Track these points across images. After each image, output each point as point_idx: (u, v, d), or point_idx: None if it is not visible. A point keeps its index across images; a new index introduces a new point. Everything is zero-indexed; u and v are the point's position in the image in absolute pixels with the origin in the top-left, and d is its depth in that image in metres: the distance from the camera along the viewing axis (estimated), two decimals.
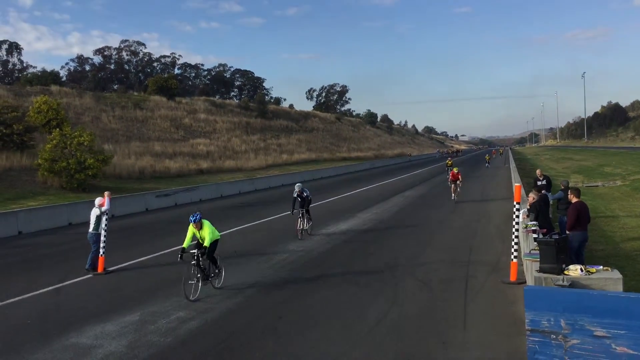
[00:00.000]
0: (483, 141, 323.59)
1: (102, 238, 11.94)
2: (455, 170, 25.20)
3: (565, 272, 7.15)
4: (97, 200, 12.33)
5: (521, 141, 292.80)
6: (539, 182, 15.82)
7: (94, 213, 12.18)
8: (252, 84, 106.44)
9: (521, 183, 16.84)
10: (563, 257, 7.34)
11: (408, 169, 56.36)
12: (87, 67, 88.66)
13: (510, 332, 7.39)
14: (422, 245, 14.16)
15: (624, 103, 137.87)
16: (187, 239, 9.86)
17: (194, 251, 9.68)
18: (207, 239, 9.81)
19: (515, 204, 10.47)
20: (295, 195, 15.91)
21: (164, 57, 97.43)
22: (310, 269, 11.77)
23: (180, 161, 44.30)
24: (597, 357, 5.71)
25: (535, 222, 10.07)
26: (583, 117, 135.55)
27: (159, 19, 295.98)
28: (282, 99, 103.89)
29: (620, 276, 7.03)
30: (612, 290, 6.64)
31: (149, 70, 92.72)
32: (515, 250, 10.09)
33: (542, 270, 7.34)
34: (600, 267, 7.35)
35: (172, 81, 66.48)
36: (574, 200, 9.82)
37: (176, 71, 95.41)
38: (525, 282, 9.54)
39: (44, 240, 17.61)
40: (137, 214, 24.07)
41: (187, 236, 9.89)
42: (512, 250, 10.11)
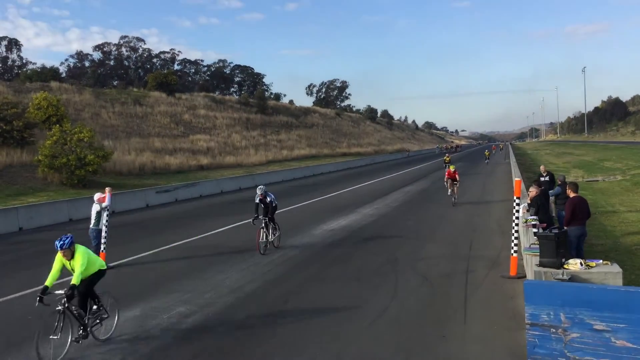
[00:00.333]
0: (483, 136, 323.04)
1: (103, 234, 11.95)
2: (452, 168, 22.64)
3: (565, 266, 7.17)
4: (96, 196, 12.35)
5: (521, 136, 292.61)
6: (542, 179, 15.81)
7: (94, 209, 12.19)
8: (251, 80, 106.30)
9: (521, 178, 16.87)
10: (563, 252, 7.37)
11: (408, 165, 56.36)
12: (87, 64, 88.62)
13: (510, 326, 7.41)
14: (422, 240, 14.18)
15: (625, 98, 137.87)
16: (52, 273, 7.14)
17: (60, 292, 6.95)
18: (77, 271, 7.03)
19: (515, 198, 10.47)
20: (258, 200, 13.52)
21: (163, 53, 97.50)
22: (310, 264, 11.79)
23: (180, 157, 44.30)
24: (597, 350, 5.73)
25: (535, 217, 10.10)
26: (583, 111, 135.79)
27: (158, 14, 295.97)
28: (282, 95, 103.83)
29: (619, 270, 7.05)
30: (612, 284, 6.65)
31: (148, 66, 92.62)
32: (515, 245, 10.10)
33: (542, 264, 7.36)
34: (600, 261, 7.36)
35: (171, 77, 66.40)
36: (572, 195, 9.82)
37: (176, 67, 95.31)
38: (525, 276, 9.56)
39: (44, 236, 17.62)
40: (138, 210, 24.11)
41: (54, 269, 7.20)
42: (512, 244, 10.12)
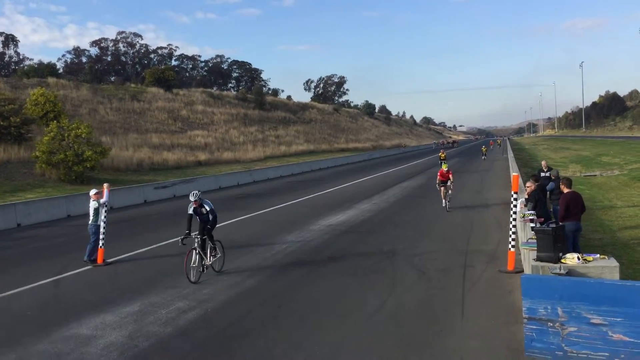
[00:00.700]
0: (481, 131, 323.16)
1: (102, 230, 11.96)
2: (444, 167, 19.41)
3: (563, 260, 7.20)
4: (92, 192, 12.34)
5: (519, 131, 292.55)
6: (542, 174, 15.77)
7: (91, 205, 12.19)
8: (249, 76, 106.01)
9: (519, 173, 16.86)
10: (560, 246, 7.39)
11: (406, 160, 56.38)
12: (84, 59, 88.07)
13: (507, 320, 7.44)
14: (420, 235, 14.20)
15: (622, 92, 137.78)
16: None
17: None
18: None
19: (513, 193, 10.49)
20: (191, 210, 10.35)
21: (160, 48, 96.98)
22: (309, 259, 11.81)
23: (178, 153, 44.25)
24: (594, 344, 5.77)
25: (532, 212, 10.12)
26: (581, 106, 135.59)
27: (155, 10, 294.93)
28: (279, 91, 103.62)
29: (617, 264, 7.08)
30: (609, 279, 6.68)
31: (145, 62, 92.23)
32: (513, 240, 10.12)
33: (539, 259, 7.38)
34: (597, 255, 7.39)
35: (169, 73, 66.24)
36: (565, 190, 9.82)
37: (173, 63, 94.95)
38: (522, 271, 9.59)
39: (42, 232, 17.63)
40: (136, 206, 24.09)
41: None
42: (510, 239, 10.14)
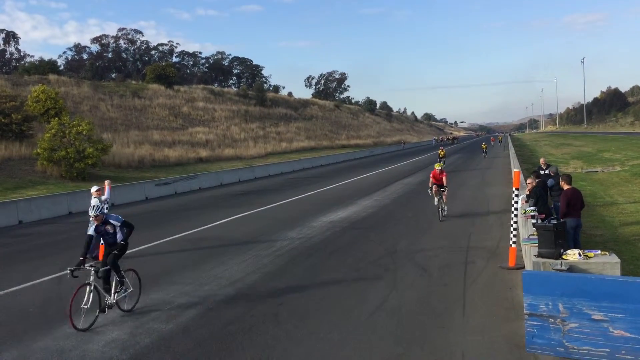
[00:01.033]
0: (482, 128, 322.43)
1: None
2: (437, 167, 16.46)
3: (564, 256, 7.20)
4: (93, 189, 12.34)
5: (520, 127, 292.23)
6: (542, 172, 15.74)
7: (93, 202, 12.16)
8: (250, 72, 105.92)
9: (520, 169, 16.86)
10: (561, 242, 7.39)
11: (407, 156, 56.35)
12: (85, 56, 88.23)
13: (508, 316, 7.44)
14: (421, 231, 14.20)
15: (624, 88, 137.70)
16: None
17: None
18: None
19: (514, 189, 10.49)
20: (91, 231, 8.54)
21: (161, 45, 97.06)
22: (310, 255, 11.82)
23: (179, 150, 44.26)
24: (595, 340, 5.77)
25: (534, 208, 10.12)
26: (582, 102, 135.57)
27: (155, 6, 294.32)
28: (280, 87, 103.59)
29: (618, 260, 7.08)
30: (610, 275, 6.68)
31: (146, 59, 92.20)
32: (514, 236, 10.13)
33: (540, 255, 7.39)
34: (599, 251, 7.39)
35: (170, 69, 66.16)
36: (565, 187, 9.81)
37: (174, 59, 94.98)
38: (523, 267, 9.60)
39: (44, 229, 17.66)
40: (137, 203, 24.14)
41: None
42: (511, 235, 10.15)
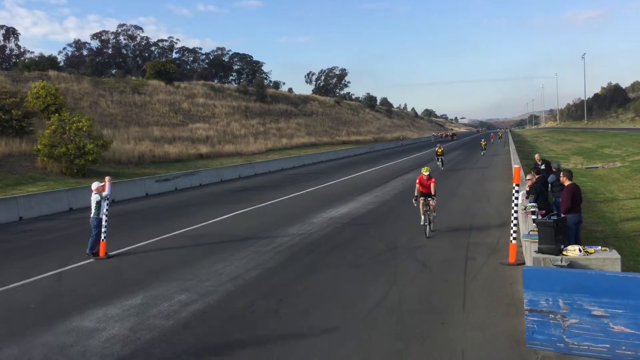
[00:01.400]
0: (483, 123, 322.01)
1: (104, 223, 11.97)
2: (425, 172, 13.30)
3: (564, 252, 7.20)
4: (94, 185, 12.34)
5: (521, 123, 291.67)
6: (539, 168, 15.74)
7: (93, 198, 12.19)
8: (250, 68, 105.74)
9: (521, 165, 16.86)
10: (562, 238, 7.38)
11: (407, 152, 56.32)
12: (85, 52, 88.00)
13: (509, 312, 7.45)
14: (421, 227, 14.18)
15: (624, 84, 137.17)
16: None
17: None
18: None
19: (515, 185, 10.47)
20: None
21: (161, 41, 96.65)
22: (310, 251, 11.83)
23: (179, 146, 44.26)
24: (595, 336, 5.78)
25: (534, 204, 10.10)
26: (583, 98, 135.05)
27: (155, 2, 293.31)
28: (281, 83, 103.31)
29: (618, 256, 7.08)
30: (610, 270, 6.68)
31: (146, 55, 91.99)
32: (514, 232, 10.12)
33: (540, 251, 7.38)
34: (599, 247, 7.39)
35: (170, 65, 66.06)
36: (567, 182, 9.78)
37: (174, 55, 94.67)
38: (524, 263, 9.60)
39: (44, 225, 17.68)
40: (137, 199, 24.14)
41: None
42: (511, 231, 10.14)
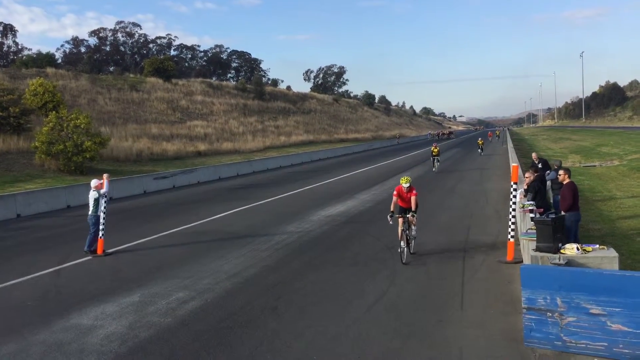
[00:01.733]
0: (481, 122, 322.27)
1: (101, 220, 11.96)
2: (405, 183, 10.90)
3: (562, 251, 7.20)
4: (93, 183, 12.32)
5: (519, 121, 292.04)
6: (537, 166, 15.78)
7: (91, 196, 12.18)
8: (249, 66, 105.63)
9: (519, 164, 16.88)
10: (559, 236, 7.39)
11: (404, 151, 56.34)
12: (83, 49, 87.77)
13: (506, 310, 7.46)
14: (420, 225, 14.16)
15: (622, 83, 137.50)
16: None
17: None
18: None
19: (513, 184, 10.49)
20: None
21: (159, 38, 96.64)
22: (308, 249, 11.83)
23: (177, 143, 44.20)
24: (593, 334, 5.79)
25: (532, 202, 10.11)
26: (581, 97, 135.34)
27: None
28: (279, 81, 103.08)
29: (616, 255, 7.09)
30: (608, 269, 6.69)
31: (144, 52, 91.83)
32: (512, 230, 10.13)
33: (538, 249, 7.39)
34: (597, 245, 7.39)
35: (168, 63, 65.94)
36: (566, 180, 9.78)
37: (172, 52, 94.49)
38: (522, 261, 9.61)
39: (42, 222, 17.65)
40: (135, 197, 24.11)
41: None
42: (509, 229, 10.15)
